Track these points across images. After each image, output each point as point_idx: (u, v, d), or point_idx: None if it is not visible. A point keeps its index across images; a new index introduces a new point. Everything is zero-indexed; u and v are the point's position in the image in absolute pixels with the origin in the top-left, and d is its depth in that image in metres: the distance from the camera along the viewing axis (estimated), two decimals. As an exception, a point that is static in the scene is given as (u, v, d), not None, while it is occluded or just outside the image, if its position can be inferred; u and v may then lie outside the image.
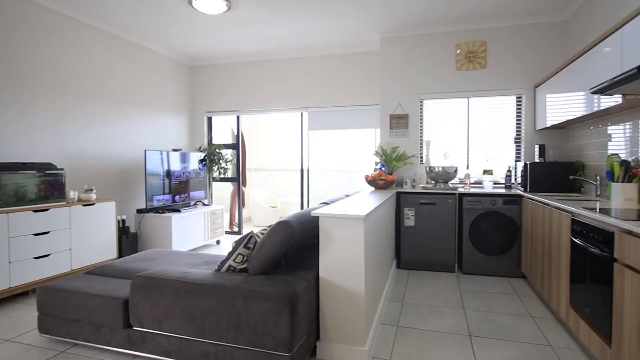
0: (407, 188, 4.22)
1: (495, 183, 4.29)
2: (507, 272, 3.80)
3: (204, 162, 5.47)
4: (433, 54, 4.43)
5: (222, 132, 6.26)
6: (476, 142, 4.38)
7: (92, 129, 4.28)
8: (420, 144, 4.54)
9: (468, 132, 4.39)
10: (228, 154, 5.73)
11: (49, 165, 3.46)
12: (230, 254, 2.22)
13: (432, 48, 4.43)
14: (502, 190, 3.87)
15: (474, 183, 4.37)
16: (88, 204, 3.70)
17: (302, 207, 5.61)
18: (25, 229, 3.13)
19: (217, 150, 5.50)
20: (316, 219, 2.40)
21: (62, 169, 3.53)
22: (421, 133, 4.55)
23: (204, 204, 5.47)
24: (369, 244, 2.35)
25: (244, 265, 2.19)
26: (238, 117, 5.92)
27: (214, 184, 5.94)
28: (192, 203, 5.26)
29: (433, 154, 4.57)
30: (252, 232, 2.25)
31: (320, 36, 4.71)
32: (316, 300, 2.25)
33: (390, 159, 4.26)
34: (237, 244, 2.21)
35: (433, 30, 4.40)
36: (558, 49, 4.07)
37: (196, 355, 2.05)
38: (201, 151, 5.52)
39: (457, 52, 4.33)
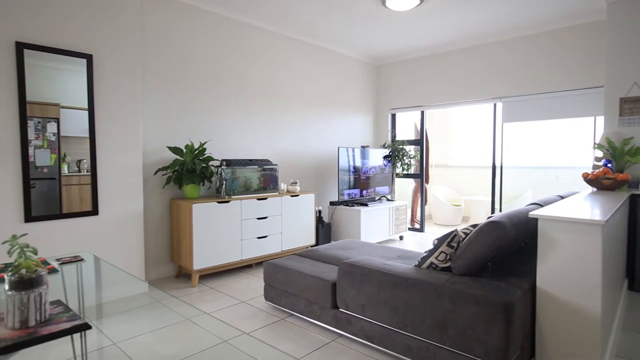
0: (646, 190, 3.31)
1: None
2: None
3: (388, 159, 5.60)
4: (694, 12, 3.32)
5: (406, 128, 6.27)
6: None
7: (295, 129, 4.92)
8: (669, 132, 3.49)
9: None
10: (411, 150, 5.71)
11: (267, 161, 4.13)
12: (432, 251, 2.17)
13: (692, 4, 3.33)
14: None
15: None
16: (294, 195, 4.27)
17: (493, 207, 5.10)
18: (251, 213, 3.83)
19: (401, 147, 5.54)
20: (531, 221, 2.10)
21: (276, 164, 4.17)
22: (670, 119, 3.48)
23: (388, 199, 5.60)
24: (605, 256, 1.92)
25: (447, 264, 2.11)
26: (422, 113, 5.81)
27: (396, 180, 6.01)
28: (377, 198, 5.46)
29: (688, 145, 3.43)
30: (456, 230, 2.15)
31: (519, 15, 4.15)
32: (531, 313, 1.98)
33: (620, 154, 3.41)
34: (440, 241, 2.14)
35: (695, -19, 3.30)
36: None
37: (397, 346, 2.09)
38: (385, 147, 5.66)
39: None
